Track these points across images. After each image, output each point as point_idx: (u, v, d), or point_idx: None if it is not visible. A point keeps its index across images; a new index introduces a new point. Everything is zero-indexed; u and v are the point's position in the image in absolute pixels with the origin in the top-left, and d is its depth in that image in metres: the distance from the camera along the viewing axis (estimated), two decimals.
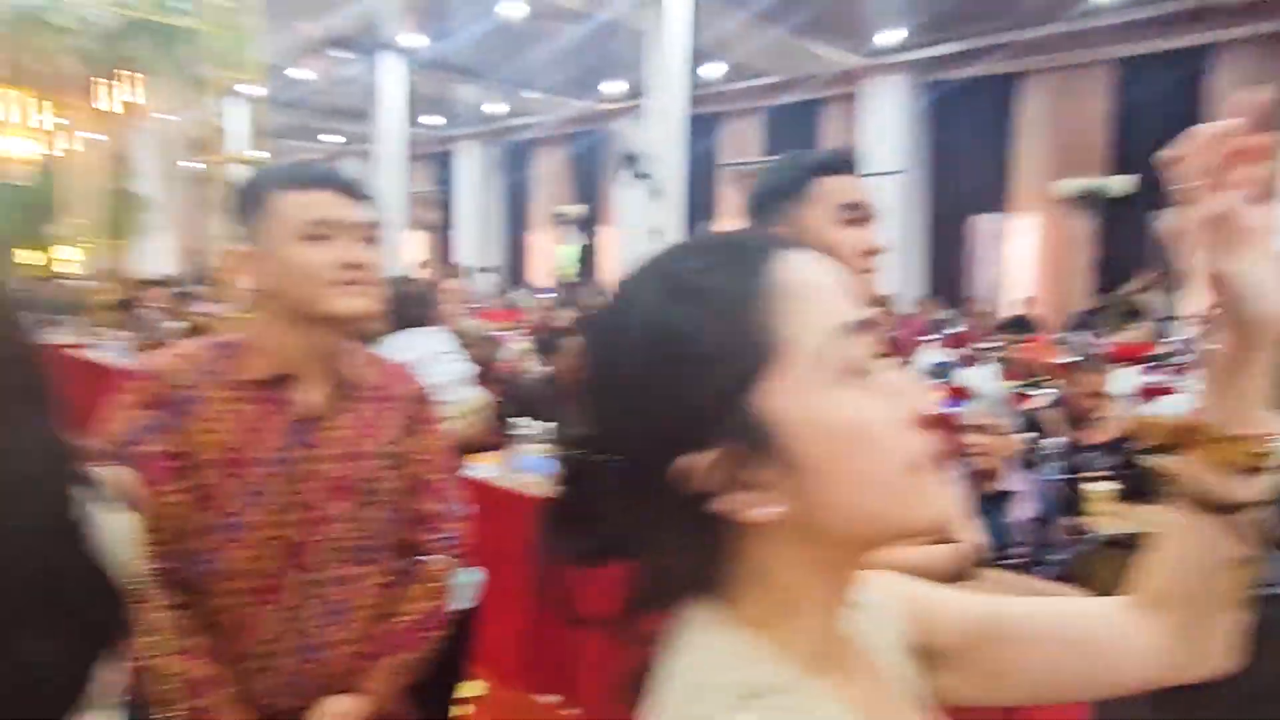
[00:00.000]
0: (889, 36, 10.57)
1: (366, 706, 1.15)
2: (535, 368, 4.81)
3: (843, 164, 1.21)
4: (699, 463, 0.44)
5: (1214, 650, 0.57)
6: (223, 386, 1.12)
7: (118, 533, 0.74)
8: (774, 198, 1.20)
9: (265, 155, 6.43)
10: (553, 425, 2.70)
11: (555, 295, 11.02)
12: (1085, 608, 0.61)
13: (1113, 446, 3.03)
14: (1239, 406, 0.53)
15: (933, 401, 0.48)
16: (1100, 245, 10.35)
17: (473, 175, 17.25)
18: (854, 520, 0.45)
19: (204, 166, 6.89)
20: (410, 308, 2.17)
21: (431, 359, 1.94)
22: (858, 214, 1.17)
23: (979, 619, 0.58)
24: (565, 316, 7.44)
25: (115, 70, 5.45)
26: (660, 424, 0.45)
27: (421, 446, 1.25)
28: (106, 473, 0.76)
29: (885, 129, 11.53)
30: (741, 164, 13.75)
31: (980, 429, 2.68)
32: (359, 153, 17.92)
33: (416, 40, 11.56)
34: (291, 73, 12.42)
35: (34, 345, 0.73)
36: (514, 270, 16.71)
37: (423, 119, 15.63)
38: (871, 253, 1.17)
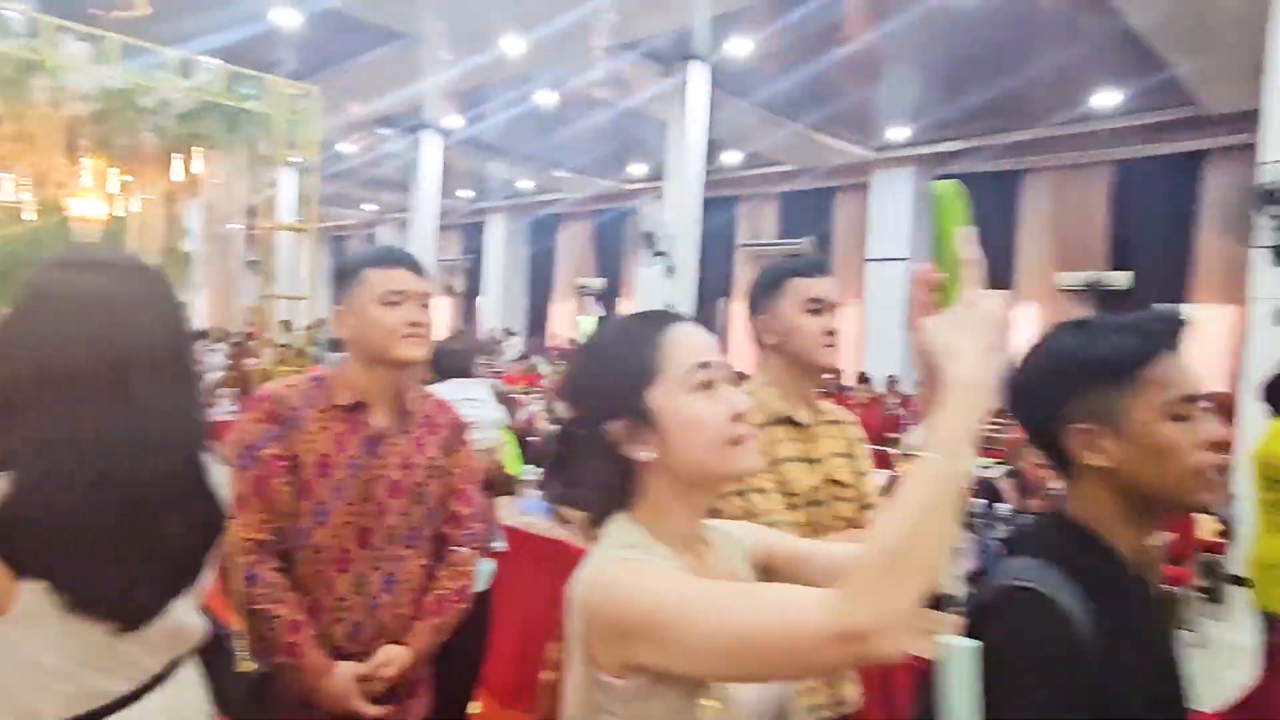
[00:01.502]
0: (898, 133, 11.22)
1: (410, 656, 1.53)
2: (548, 426, 5.21)
3: (813, 268, 1.65)
4: (617, 427, 0.85)
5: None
6: (318, 409, 1.54)
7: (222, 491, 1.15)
8: (761, 291, 1.65)
9: (309, 223, 7.03)
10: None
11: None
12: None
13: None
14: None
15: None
16: None
17: (500, 245, 18.00)
18: (691, 466, 0.85)
19: (248, 229, 7.52)
20: (455, 361, 2.62)
21: (469, 402, 2.36)
22: (819, 306, 1.61)
23: (792, 550, 0.99)
24: None
25: (187, 145, 6.08)
26: (599, 404, 0.87)
27: (457, 463, 1.66)
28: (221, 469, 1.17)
29: (893, 218, 12.09)
30: (758, 244, 14.36)
31: None
32: (396, 220, 18.78)
33: (455, 121, 12.38)
34: (340, 147, 13.27)
35: (188, 341, 1.14)
36: (535, 336, 17.28)
37: (458, 192, 16.47)
38: (829, 334, 1.61)
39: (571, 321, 16.86)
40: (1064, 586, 0.99)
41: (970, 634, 0.97)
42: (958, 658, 0.87)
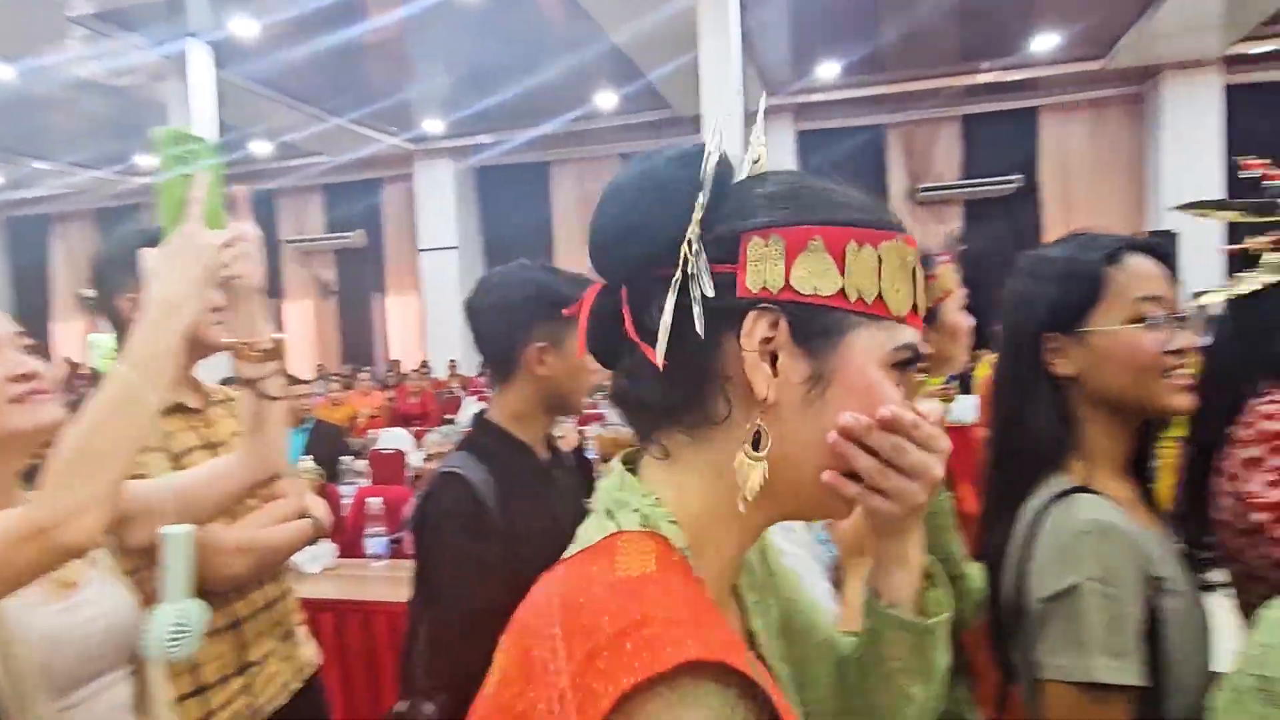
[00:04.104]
0: (433, 125, 11.53)
1: None
2: None
3: None
4: None
5: None
6: None
7: None
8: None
9: None
10: None
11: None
12: None
13: None
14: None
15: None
16: None
17: None
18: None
19: None
20: None
21: None
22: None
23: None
24: None
25: None
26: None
27: None
28: None
29: (440, 208, 12.45)
30: (304, 239, 13.63)
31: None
32: None
33: None
34: None
35: None
36: None
37: None
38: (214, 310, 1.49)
39: (83, 342, 14.23)
40: (477, 468, 1.36)
41: (417, 509, 1.40)
42: (173, 543, 1.09)
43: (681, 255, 0.56)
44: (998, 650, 1.08)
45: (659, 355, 0.55)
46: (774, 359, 0.56)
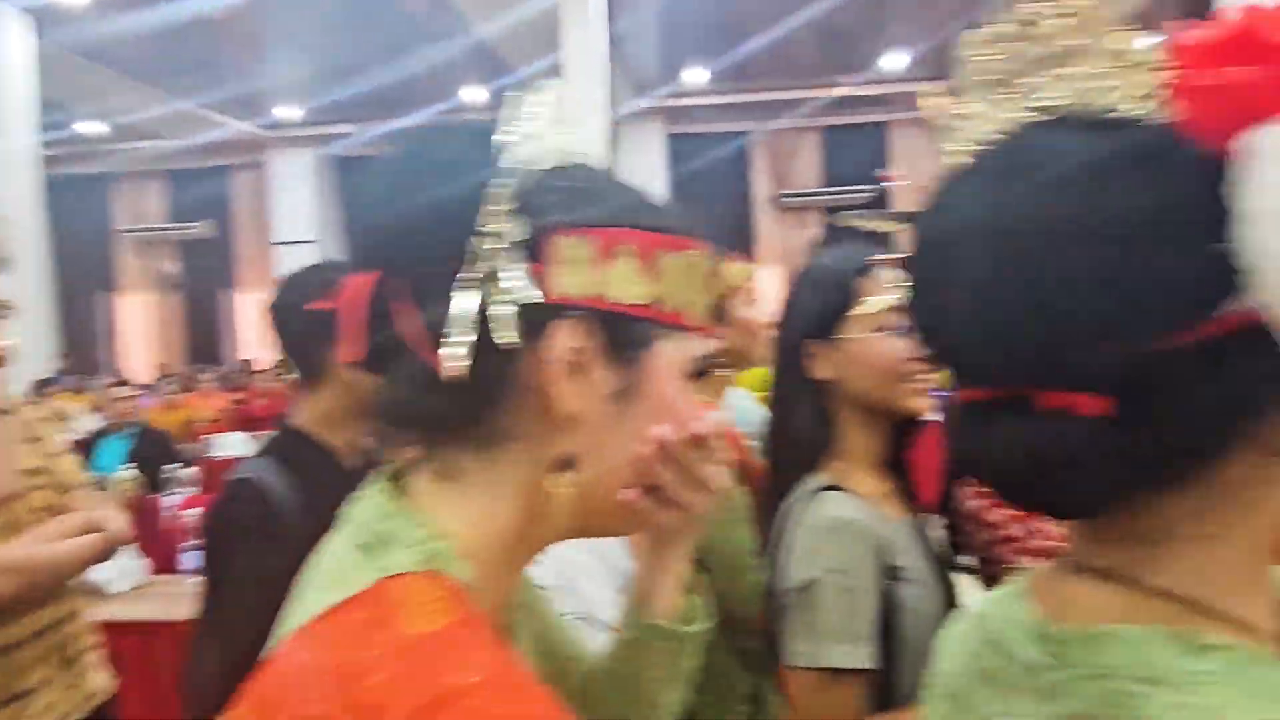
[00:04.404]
0: (288, 112, 10.97)
1: None
2: None
3: None
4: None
5: None
6: None
7: None
8: None
9: None
10: None
11: None
12: None
13: None
14: None
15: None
16: None
17: None
18: None
19: None
20: None
21: None
22: None
23: None
24: None
25: None
26: None
27: None
28: None
29: (296, 199, 11.88)
30: (143, 228, 12.67)
31: None
32: None
33: None
34: None
35: None
36: None
37: None
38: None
39: None
40: (277, 475, 1.28)
41: (205, 519, 1.34)
42: None
43: (476, 248, 0.49)
44: (769, 638, 1.13)
45: (448, 364, 0.48)
46: (579, 370, 0.51)
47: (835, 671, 0.99)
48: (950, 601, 1.11)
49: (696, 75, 10.08)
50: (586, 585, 1.03)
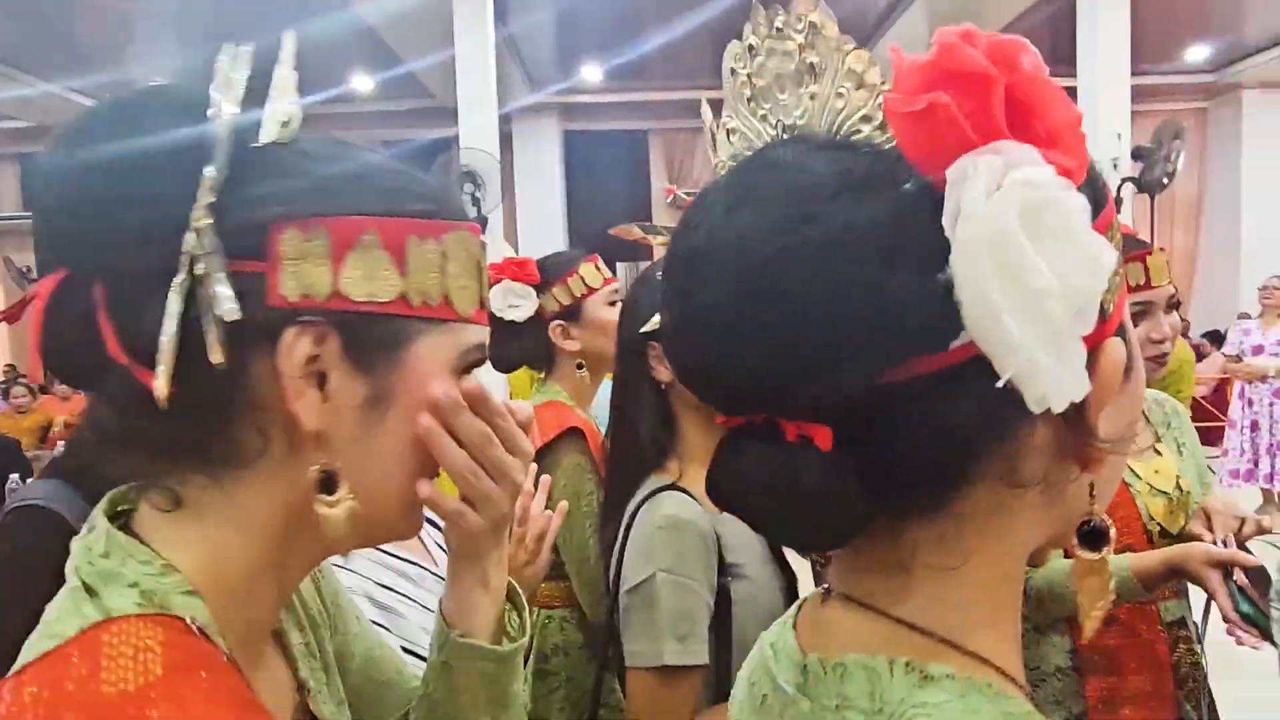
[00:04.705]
0: None
1: None
2: None
3: None
4: None
5: None
6: None
7: None
8: None
9: None
10: None
11: None
12: None
13: None
14: None
15: None
16: None
17: None
18: None
19: None
20: None
21: None
22: None
23: None
24: None
25: None
26: None
27: None
28: None
29: None
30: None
31: None
32: None
33: None
34: None
35: None
36: None
37: None
38: None
39: None
40: (72, 498, 1.13)
41: None
42: None
43: (187, 247, 0.42)
44: (614, 642, 1.13)
45: (161, 384, 0.42)
46: (322, 380, 0.46)
47: (670, 669, 1.00)
48: (792, 597, 1.13)
49: (592, 73, 10.04)
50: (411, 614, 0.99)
